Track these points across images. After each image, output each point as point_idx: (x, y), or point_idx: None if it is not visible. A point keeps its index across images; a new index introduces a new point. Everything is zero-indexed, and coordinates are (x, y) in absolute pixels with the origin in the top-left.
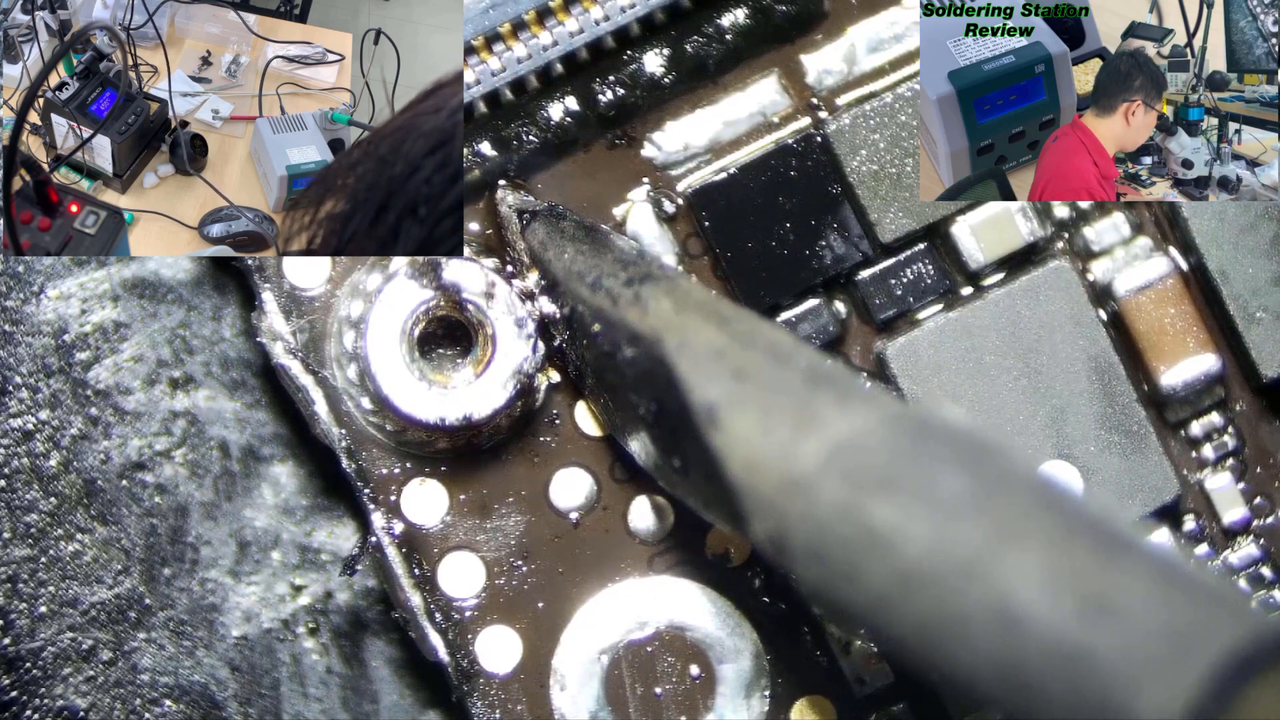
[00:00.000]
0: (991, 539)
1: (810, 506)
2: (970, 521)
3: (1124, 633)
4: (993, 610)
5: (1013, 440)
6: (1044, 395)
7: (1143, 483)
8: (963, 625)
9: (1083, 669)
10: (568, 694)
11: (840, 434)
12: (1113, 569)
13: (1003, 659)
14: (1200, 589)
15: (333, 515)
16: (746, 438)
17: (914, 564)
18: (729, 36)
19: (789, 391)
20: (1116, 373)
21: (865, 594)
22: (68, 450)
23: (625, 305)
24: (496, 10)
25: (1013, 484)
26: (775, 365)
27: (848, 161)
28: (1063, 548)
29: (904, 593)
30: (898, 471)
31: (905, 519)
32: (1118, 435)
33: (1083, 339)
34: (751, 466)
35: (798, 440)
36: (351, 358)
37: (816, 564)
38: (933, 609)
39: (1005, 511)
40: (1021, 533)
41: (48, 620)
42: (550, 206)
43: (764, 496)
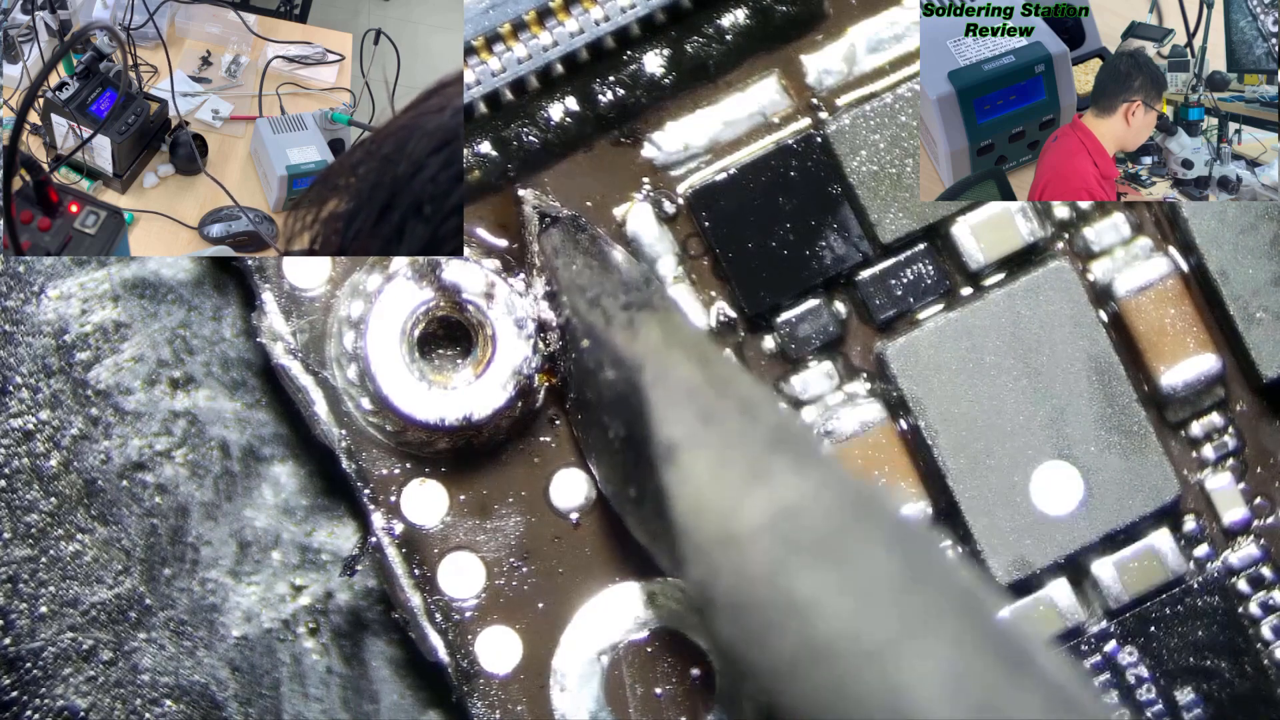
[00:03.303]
0: (903, 630)
1: (741, 563)
2: (887, 608)
3: None
4: (888, 702)
5: (1013, 440)
6: (1044, 395)
7: (1143, 483)
8: (857, 710)
9: None
10: (568, 694)
11: (785, 498)
12: (1012, 683)
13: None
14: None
15: (333, 515)
16: (697, 482)
17: (824, 639)
18: (729, 36)
19: (749, 444)
20: (1116, 373)
21: (772, 659)
22: (68, 450)
23: (617, 327)
24: (496, 10)
25: (936, 578)
26: (743, 416)
27: (848, 162)
28: (969, 653)
29: (808, 666)
30: (831, 544)
31: (826, 593)
32: (1118, 435)
33: (1083, 339)
34: (696, 511)
35: (744, 494)
36: (351, 358)
37: (734, 620)
38: (832, 687)
39: (923, 605)
40: (933, 630)
41: (48, 620)
42: (573, 216)
43: (702, 543)
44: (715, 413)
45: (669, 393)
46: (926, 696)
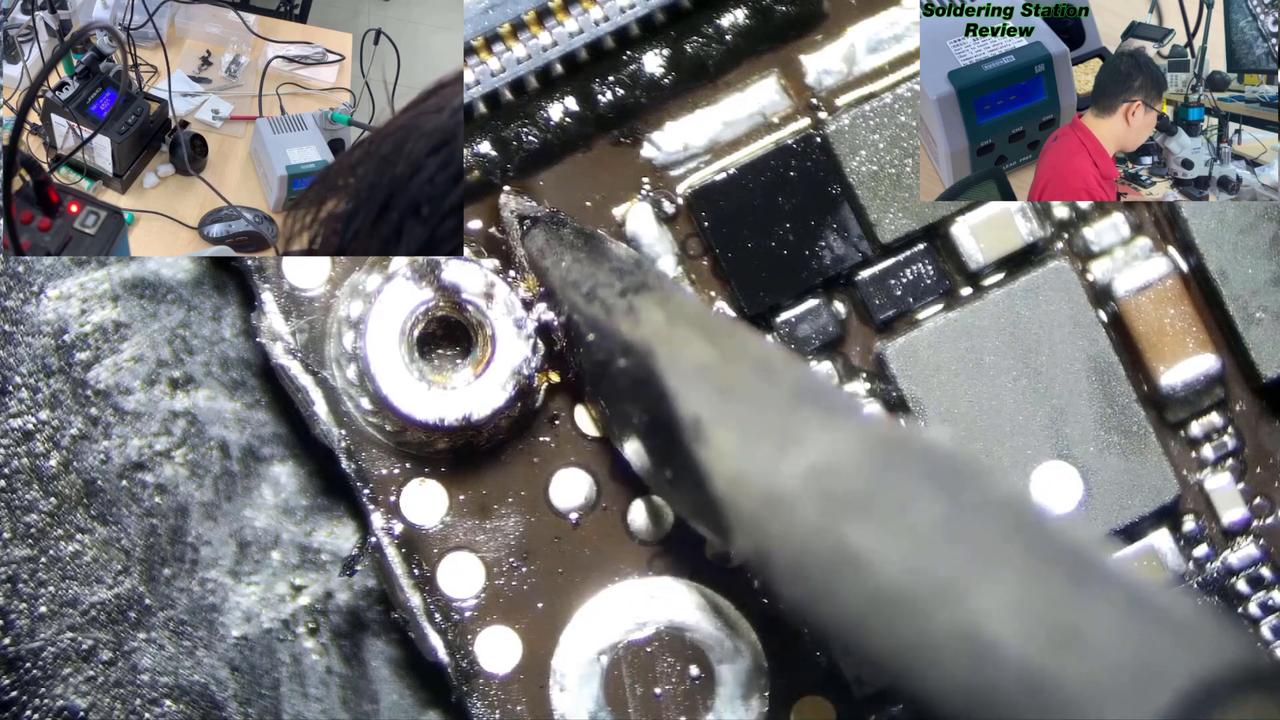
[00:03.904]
0: (964, 566)
1: (789, 525)
2: (944, 547)
3: (1092, 664)
4: (963, 637)
5: (1012, 440)
6: (1044, 395)
7: (1143, 483)
8: (933, 650)
9: (1050, 699)
10: (567, 694)
11: (820, 455)
12: (1083, 598)
13: (972, 685)
14: (1169, 619)
15: (333, 515)
16: (730, 454)
17: (887, 587)
18: (729, 36)
19: (773, 408)
20: (1116, 373)
21: (840, 614)
22: (68, 450)
23: (619, 316)
24: (496, 10)
25: (988, 510)
26: (762, 381)
27: (848, 162)
28: (1034, 576)
29: (877, 615)
30: (874, 495)
31: (880, 542)
32: (1118, 435)
33: (1083, 339)
34: (734, 482)
35: (779, 459)
36: (351, 358)
37: (796, 582)
38: (905, 633)
39: (979, 538)
40: (995, 560)
41: (48, 620)
42: (551, 213)
43: (746, 513)
44: (733, 382)
45: (683, 371)
46: (999, 627)
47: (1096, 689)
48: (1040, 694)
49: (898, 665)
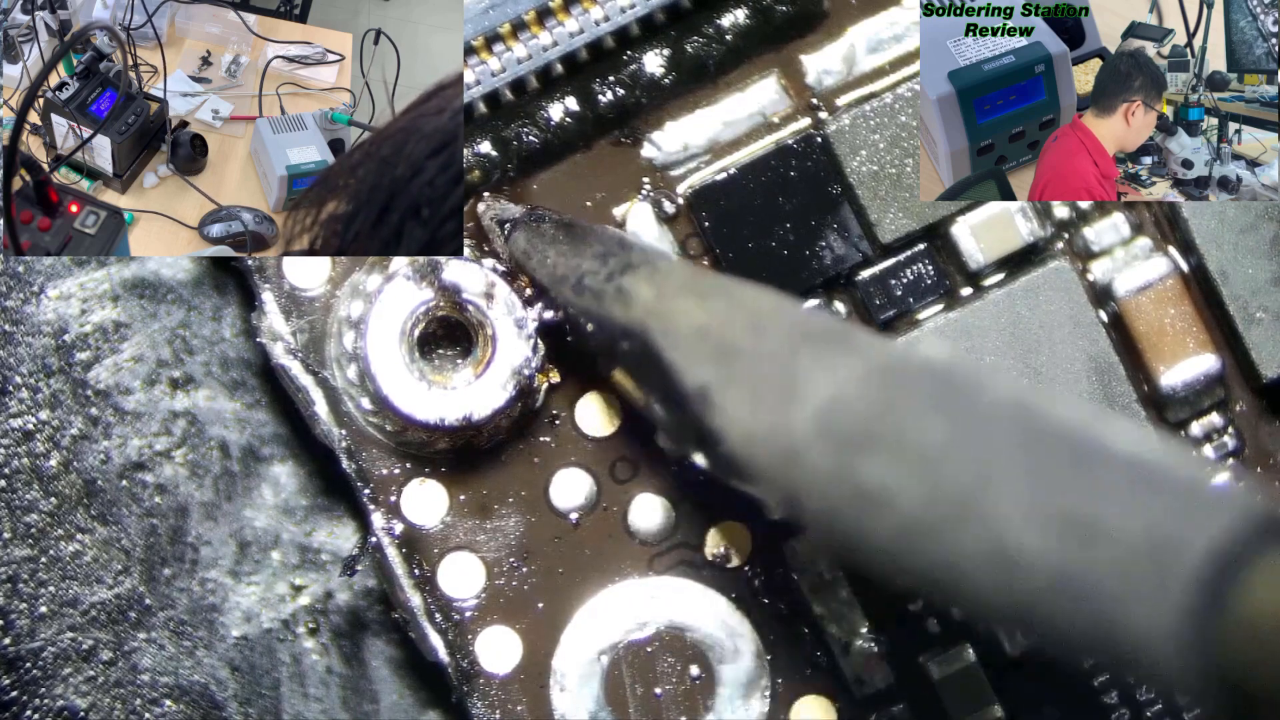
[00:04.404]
0: (976, 482)
1: (809, 473)
2: (953, 466)
3: (1113, 551)
4: (989, 552)
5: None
6: None
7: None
8: (965, 569)
9: (1078, 594)
10: (568, 694)
11: (823, 397)
12: (1091, 488)
13: (1007, 597)
14: (1179, 486)
15: (333, 515)
16: (740, 414)
17: (909, 517)
18: (729, 36)
19: (772, 359)
20: (1116, 373)
21: (874, 549)
22: (68, 450)
23: (610, 301)
24: (496, 10)
25: (987, 421)
26: (757, 334)
27: (848, 162)
28: (1042, 478)
29: (906, 544)
30: (880, 427)
31: (894, 473)
32: None
33: (1083, 339)
34: (750, 441)
35: (787, 409)
36: (351, 358)
37: (828, 528)
38: (935, 556)
39: (985, 451)
40: (1003, 470)
41: (48, 620)
42: (528, 211)
43: (768, 468)
44: (728, 344)
45: (680, 343)
46: (1020, 534)
47: (1122, 574)
48: (1071, 590)
49: (936, 589)
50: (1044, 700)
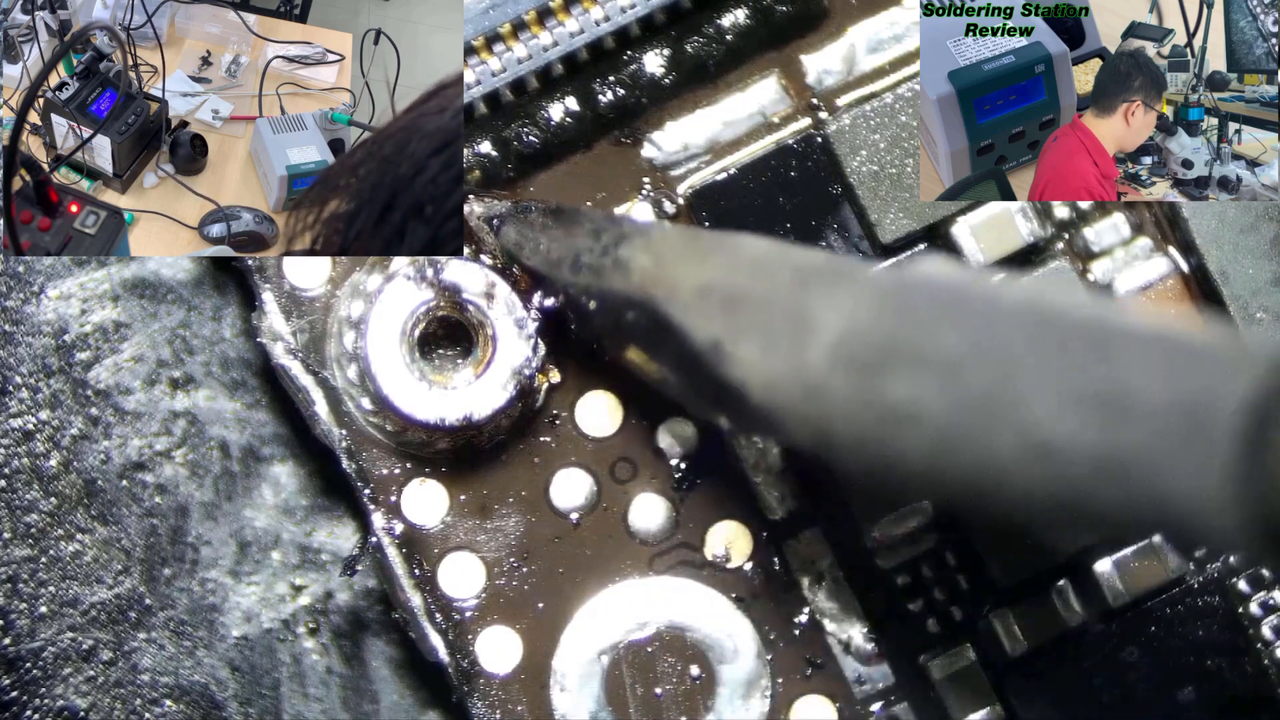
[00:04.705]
0: (1002, 382)
1: (834, 403)
2: (977, 371)
3: (1148, 426)
4: (1026, 449)
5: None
6: None
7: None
8: (1004, 470)
9: (1120, 474)
10: (568, 694)
11: (836, 329)
12: (1116, 367)
13: (1051, 490)
14: (1202, 352)
15: (333, 515)
16: (756, 362)
17: (939, 428)
18: (729, 36)
19: (779, 303)
20: None
21: (909, 468)
22: (68, 450)
23: (609, 275)
24: (497, 10)
25: (998, 322)
26: (761, 280)
27: (848, 162)
28: (1065, 365)
29: (942, 457)
30: (894, 348)
31: (918, 388)
32: None
33: None
34: (770, 387)
35: (801, 348)
36: (352, 358)
37: (861, 454)
38: (972, 464)
39: (1004, 351)
40: (1023, 366)
41: (48, 620)
42: (513, 205)
43: (793, 409)
44: (733, 295)
45: (685, 302)
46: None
47: (1161, 445)
48: (1112, 471)
49: (979, 498)
50: (1044, 700)
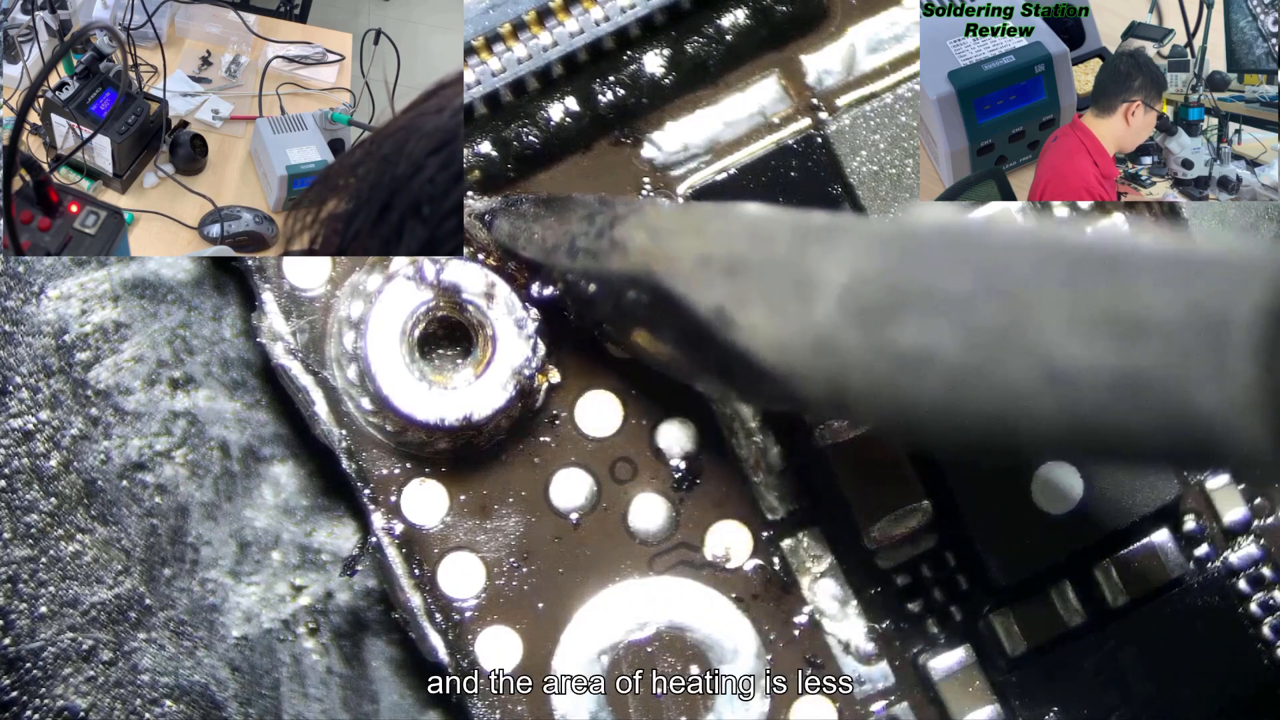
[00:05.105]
0: (1010, 314)
1: (846, 355)
2: (984, 308)
3: (1162, 343)
4: (1041, 379)
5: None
6: None
7: (1143, 482)
8: (1022, 402)
9: (1139, 394)
10: (568, 694)
11: (840, 281)
12: (1125, 287)
13: (1070, 418)
14: (1210, 264)
15: (333, 515)
16: (763, 325)
17: (953, 366)
18: (729, 36)
19: (782, 264)
20: None
21: (926, 412)
22: (68, 450)
23: (607, 255)
24: (496, 10)
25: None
26: (760, 244)
27: (848, 162)
28: (1073, 293)
29: (958, 395)
30: (901, 293)
31: (929, 331)
32: None
33: None
34: (779, 348)
35: (807, 305)
36: (351, 358)
37: (876, 404)
38: (989, 399)
39: (1011, 283)
40: (1032, 296)
41: (48, 620)
42: (504, 199)
43: (803, 368)
44: (733, 262)
45: (686, 273)
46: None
47: (1178, 361)
48: (1132, 392)
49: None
50: (1044, 700)
